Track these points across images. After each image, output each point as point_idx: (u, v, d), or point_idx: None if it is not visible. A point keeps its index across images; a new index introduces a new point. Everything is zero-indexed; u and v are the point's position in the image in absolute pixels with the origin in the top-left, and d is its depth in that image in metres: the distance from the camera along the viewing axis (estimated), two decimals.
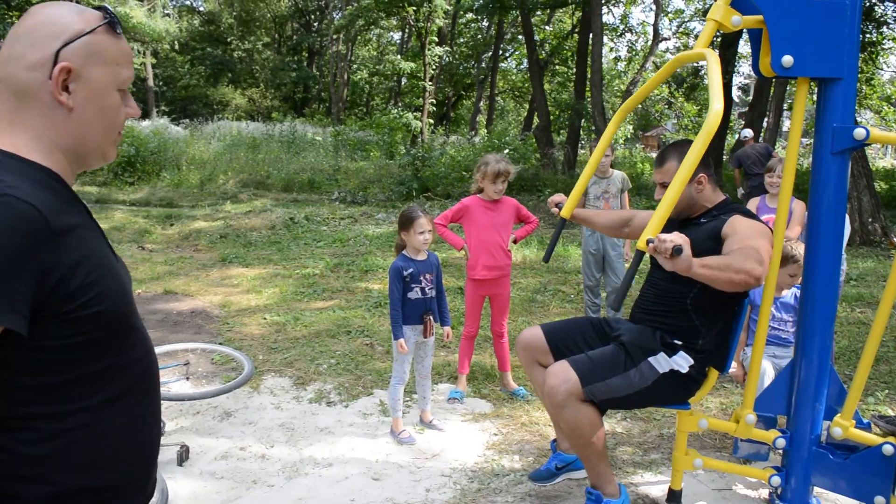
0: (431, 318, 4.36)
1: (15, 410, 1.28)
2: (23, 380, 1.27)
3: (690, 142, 3.27)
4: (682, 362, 3.19)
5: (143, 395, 1.47)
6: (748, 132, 11.72)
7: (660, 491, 3.71)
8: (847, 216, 3.43)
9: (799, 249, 4.25)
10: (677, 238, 2.53)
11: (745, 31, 3.15)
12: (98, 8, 1.40)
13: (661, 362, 3.19)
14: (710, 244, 3.12)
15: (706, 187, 3.29)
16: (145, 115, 33.28)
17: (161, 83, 40.43)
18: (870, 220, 11.54)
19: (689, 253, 2.55)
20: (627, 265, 6.79)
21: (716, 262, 2.74)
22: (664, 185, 3.27)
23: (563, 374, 3.18)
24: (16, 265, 1.18)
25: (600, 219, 4.01)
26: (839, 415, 3.18)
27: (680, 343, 3.23)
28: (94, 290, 1.30)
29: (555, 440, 3.85)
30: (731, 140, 23.31)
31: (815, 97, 3.22)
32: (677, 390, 3.27)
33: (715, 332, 3.24)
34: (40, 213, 1.22)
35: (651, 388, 3.21)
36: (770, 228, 3.23)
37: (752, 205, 5.40)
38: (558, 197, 3.75)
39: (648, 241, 2.55)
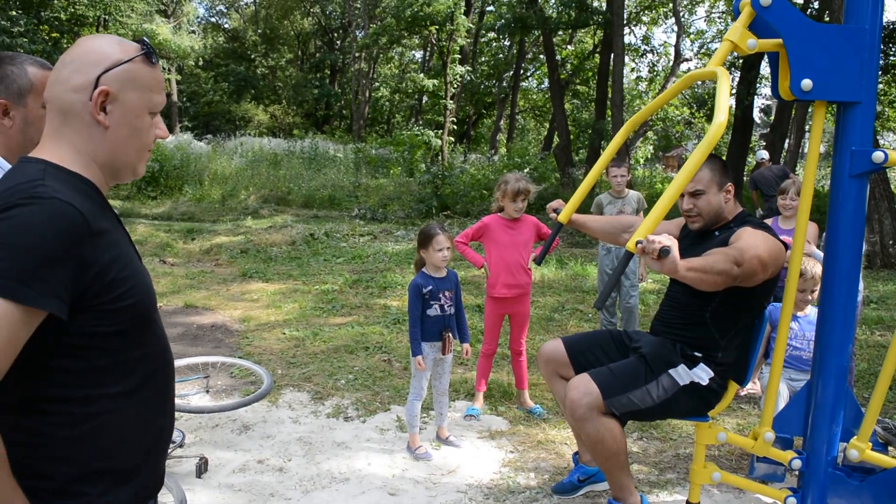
0: (450, 335, 4.39)
1: (50, 392, 1.43)
2: (60, 363, 1.43)
3: (717, 155, 3.31)
4: (703, 374, 3.21)
5: (160, 386, 1.63)
6: (764, 154, 12.01)
7: None
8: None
9: (807, 265, 4.26)
10: (665, 240, 2.54)
11: (765, 53, 3.17)
12: (137, 40, 1.57)
13: (682, 374, 3.21)
14: None
15: (732, 198, 3.32)
16: (169, 130, 33.57)
17: (185, 99, 40.86)
18: (891, 242, 11.44)
19: (676, 255, 2.56)
20: (643, 285, 6.79)
21: (699, 265, 2.75)
22: (693, 194, 3.29)
23: (584, 387, 3.20)
24: (60, 258, 1.35)
25: (597, 224, 3.97)
26: (856, 437, 3.17)
27: (700, 355, 3.25)
28: (126, 284, 1.47)
29: (577, 452, 3.85)
30: (751, 161, 23.22)
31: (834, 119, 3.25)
32: (697, 403, 3.28)
33: (734, 345, 3.26)
34: (82, 214, 1.39)
35: (672, 401, 3.22)
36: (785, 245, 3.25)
37: None
38: (557, 203, 3.72)
39: (638, 243, 2.56)
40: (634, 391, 3.20)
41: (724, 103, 2.73)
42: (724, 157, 15.62)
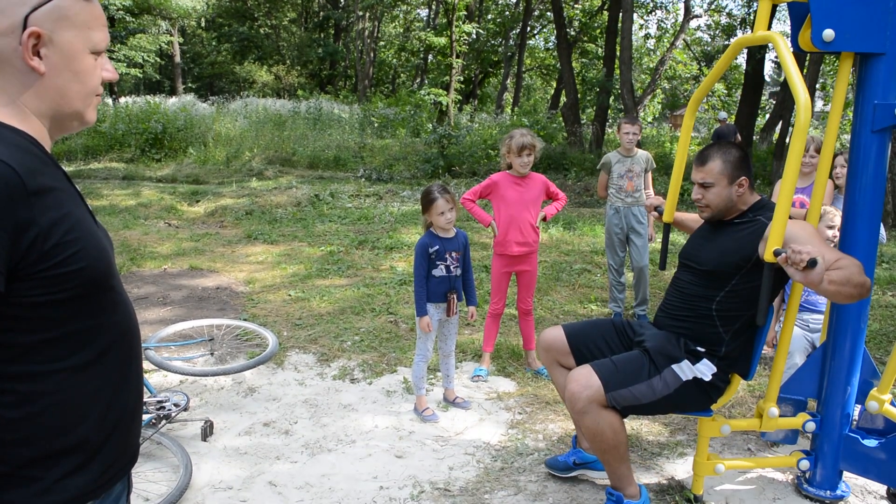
0: (455, 296, 4.32)
1: None
2: (2, 337, 1.28)
3: (733, 144, 3.22)
4: (706, 370, 3.16)
5: (122, 358, 1.48)
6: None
7: (685, 472, 3.67)
8: None
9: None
10: (813, 251, 2.51)
11: (784, 6, 3.05)
12: None
13: (685, 370, 3.16)
14: (750, 248, 3.05)
15: (746, 191, 3.21)
16: (172, 91, 33.44)
17: (188, 60, 40.52)
18: None
19: (823, 266, 2.51)
20: (652, 245, 6.70)
21: (839, 278, 2.67)
22: (703, 185, 3.21)
23: (585, 379, 3.15)
24: None
25: (696, 224, 3.89)
26: (875, 388, 3.11)
27: (703, 350, 3.19)
28: (71, 248, 1.31)
29: (576, 436, 3.81)
30: (760, 122, 22.95)
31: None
32: (700, 398, 3.23)
33: (738, 340, 3.18)
34: (16, 172, 1.23)
35: (674, 396, 3.18)
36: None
37: None
38: (656, 200, 3.82)
39: (777, 252, 2.61)
40: (636, 385, 3.15)
41: (798, 77, 2.69)
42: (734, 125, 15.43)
